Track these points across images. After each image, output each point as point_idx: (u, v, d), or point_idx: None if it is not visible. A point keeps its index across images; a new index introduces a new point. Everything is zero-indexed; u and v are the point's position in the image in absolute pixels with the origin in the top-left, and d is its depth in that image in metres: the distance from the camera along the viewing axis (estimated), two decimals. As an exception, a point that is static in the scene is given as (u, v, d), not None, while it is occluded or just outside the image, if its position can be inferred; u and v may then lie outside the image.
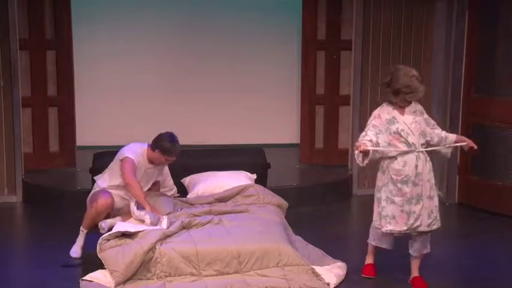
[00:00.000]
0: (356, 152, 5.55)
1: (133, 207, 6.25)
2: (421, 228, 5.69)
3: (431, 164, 5.72)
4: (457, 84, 7.88)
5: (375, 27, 8.08)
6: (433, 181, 5.72)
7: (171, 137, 6.47)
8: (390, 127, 5.61)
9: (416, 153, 5.62)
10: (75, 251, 6.35)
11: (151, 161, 6.51)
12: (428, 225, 5.70)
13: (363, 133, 5.66)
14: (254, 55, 9.34)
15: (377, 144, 5.56)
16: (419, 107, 5.72)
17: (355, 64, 8.17)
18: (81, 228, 6.39)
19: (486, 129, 7.67)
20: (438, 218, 5.76)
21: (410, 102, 5.65)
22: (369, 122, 5.72)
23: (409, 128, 5.60)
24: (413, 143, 5.63)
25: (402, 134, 5.60)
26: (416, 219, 5.65)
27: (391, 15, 8.08)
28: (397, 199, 5.65)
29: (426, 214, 5.67)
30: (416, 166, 5.61)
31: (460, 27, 7.78)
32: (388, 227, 5.70)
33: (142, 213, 6.16)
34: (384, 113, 5.65)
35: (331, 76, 8.50)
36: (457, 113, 7.89)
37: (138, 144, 6.55)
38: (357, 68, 8.16)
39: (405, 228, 5.67)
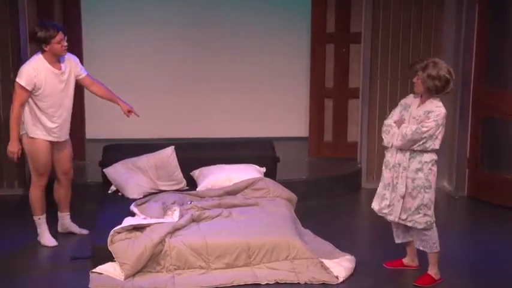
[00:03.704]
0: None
1: (133, 208, 6.32)
2: (391, 218, 5.72)
3: (422, 165, 5.52)
4: (467, 77, 7.85)
5: (385, 20, 8.04)
6: (419, 182, 5.54)
7: (39, 25, 6.25)
8: (402, 110, 5.67)
9: None
10: (50, 239, 6.42)
11: (55, 59, 6.20)
12: (403, 220, 5.66)
13: (393, 110, 5.76)
14: (263, 48, 9.34)
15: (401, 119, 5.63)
16: (436, 111, 5.48)
17: (364, 57, 8.14)
18: (38, 217, 6.48)
19: (496, 122, 7.65)
20: (420, 220, 5.59)
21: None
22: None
23: (409, 120, 5.58)
24: None
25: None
26: (386, 206, 5.69)
27: (401, 8, 8.04)
28: (382, 181, 5.80)
29: (399, 207, 5.62)
30: (395, 156, 5.62)
31: (470, 19, 7.76)
32: (372, 204, 5.83)
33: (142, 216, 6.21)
34: (410, 97, 5.70)
35: (340, 69, 8.48)
36: (466, 106, 7.87)
37: (31, 59, 6.24)
38: (366, 61, 8.13)
39: (377, 208, 5.77)
